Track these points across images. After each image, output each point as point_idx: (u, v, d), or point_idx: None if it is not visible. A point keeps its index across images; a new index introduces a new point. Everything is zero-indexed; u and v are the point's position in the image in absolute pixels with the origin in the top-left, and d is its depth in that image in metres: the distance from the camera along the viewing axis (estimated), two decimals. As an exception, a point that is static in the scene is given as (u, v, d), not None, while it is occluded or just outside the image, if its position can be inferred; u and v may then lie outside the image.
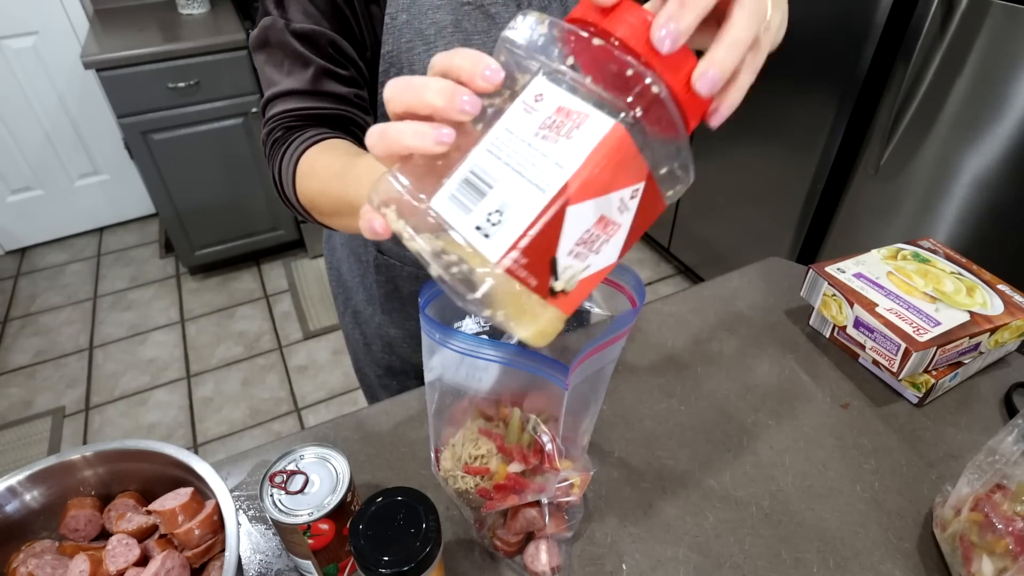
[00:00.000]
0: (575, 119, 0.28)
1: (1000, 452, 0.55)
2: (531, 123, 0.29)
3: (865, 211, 1.70)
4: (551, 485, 0.53)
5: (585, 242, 0.30)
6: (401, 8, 0.63)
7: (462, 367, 0.51)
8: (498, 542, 0.58)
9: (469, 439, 0.55)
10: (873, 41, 1.51)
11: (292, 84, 0.63)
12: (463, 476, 0.54)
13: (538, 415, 0.54)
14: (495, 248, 0.27)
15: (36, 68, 2.31)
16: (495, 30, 0.65)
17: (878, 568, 0.59)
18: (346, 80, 0.65)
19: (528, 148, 0.29)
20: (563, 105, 0.29)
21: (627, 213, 0.31)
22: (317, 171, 0.56)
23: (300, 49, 0.62)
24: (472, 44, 0.64)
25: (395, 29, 0.63)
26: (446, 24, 0.64)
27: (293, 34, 0.62)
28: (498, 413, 0.56)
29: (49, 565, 0.51)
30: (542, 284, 0.29)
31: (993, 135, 1.37)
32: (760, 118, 1.89)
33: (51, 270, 2.56)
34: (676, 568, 0.59)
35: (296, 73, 0.63)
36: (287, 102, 0.63)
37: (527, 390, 0.55)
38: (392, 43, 0.63)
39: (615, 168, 0.28)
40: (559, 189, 0.27)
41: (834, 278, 0.80)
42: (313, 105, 0.63)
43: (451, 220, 0.29)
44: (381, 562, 0.41)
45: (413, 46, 0.64)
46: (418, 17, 0.63)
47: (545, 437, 0.53)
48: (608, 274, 0.35)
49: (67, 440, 1.89)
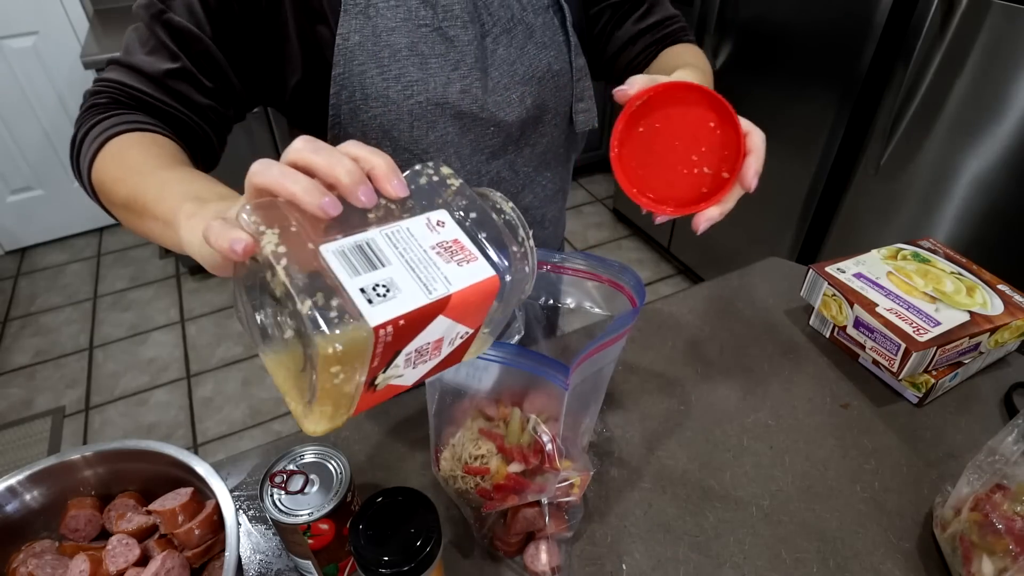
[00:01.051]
0: (466, 255, 0.34)
1: (1000, 452, 0.55)
2: (430, 238, 0.34)
3: (865, 211, 1.70)
4: (551, 485, 0.53)
5: (420, 352, 0.34)
6: (353, 29, 0.60)
7: (462, 367, 0.51)
8: (498, 542, 0.58)
9: (469, 439, 0.55)
10: (873, 41, 1.51)
11: (145, 65, 0.58)
12: (463, 476, 0.55)
13: (538, 415, 0.54)
14: (375, 315, 0.30)
15: (36, 68, 2.31)
16: (453, 53, 0.63)
17: (878, 568, 0.59)
18: (207, 91, 0.61)
19: (424, 253, 0.33)
20: (459, 240, 0.35)
21: (450, 347, 0.36)
22: (125, 159, 0.53)
23: (167, 42, 0.58)
24: (429, 67, 0.63)
25: (347, 51, 0.60)
26: (401, 47, 0.61)
27: (166, 25, 0.57)
28: (498, 413, 0.56)
29: (49, 565, 0.51)
30: (378, 367, 0.32)
31: (993, 135, 1.37)
32: (760, 118, 1.88)
33: (51, 270, 2.56)
34: (676, 568, 0.59)
35: (156, 58, 0.58)
36: (131, 77, 0.59)
37: (527, 390, 0.55)
38: (343, 65, 0.61)
39: (476, 307, 0.34)
40: (442, 297, 0.32)
41: (834, 278, 0.80)
42: (156, 96, 0.59)
43: (337, 272, 0.31)
44: (381, 562, 0.41)
45: (366, 69, 0.61)
46: (371, 39, 0.61)
47: (545, 437, 0.53)
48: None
49: (67, 440, 1.89)
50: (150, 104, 0.59)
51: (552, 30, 0.69)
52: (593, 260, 0.56)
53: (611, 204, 2.88)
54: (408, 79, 0.62)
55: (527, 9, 0.67)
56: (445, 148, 0.67)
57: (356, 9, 0.59)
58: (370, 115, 0.63)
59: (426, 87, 0.63)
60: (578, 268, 0.56)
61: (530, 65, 0.68)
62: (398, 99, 0.62)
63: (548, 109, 0.72)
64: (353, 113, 0.63)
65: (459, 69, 0.64)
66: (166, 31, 0.57)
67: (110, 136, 0.55)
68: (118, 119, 0.56)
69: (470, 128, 0.67)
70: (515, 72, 0.67)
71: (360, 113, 0.63)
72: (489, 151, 0.70)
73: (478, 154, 0.70)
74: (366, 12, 0.60)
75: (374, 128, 0.64)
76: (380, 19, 0.60)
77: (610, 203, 2.90)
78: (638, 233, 2.72)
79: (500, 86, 0.67)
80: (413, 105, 0.63)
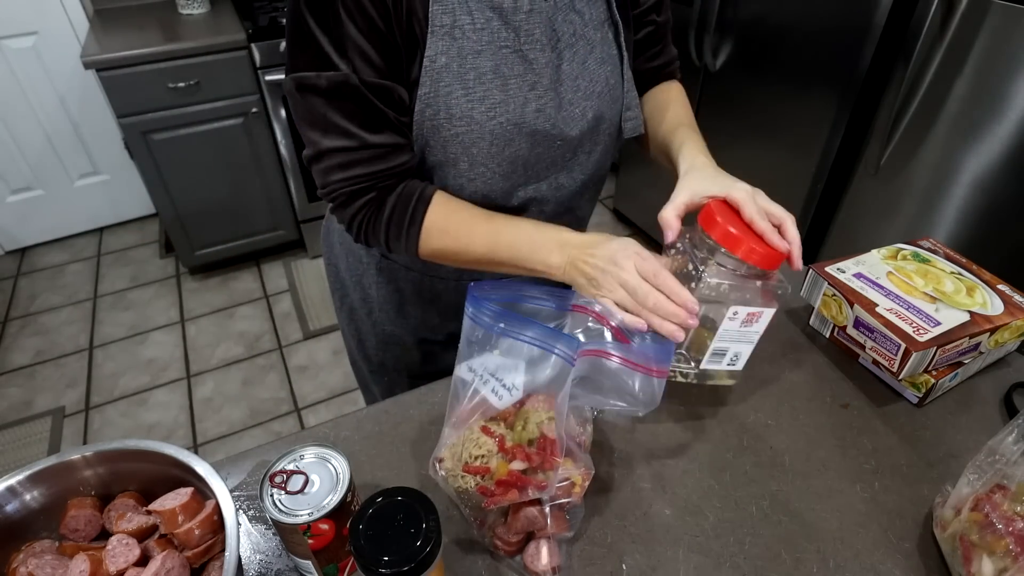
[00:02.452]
0: (758, 316, 0.62)
1: (1000, 452, 0.55)
2: (736, 322, 0.62)
3: (865, 211, 1.70)
4: (552, 483, 0.53)
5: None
6: (440, 51, 0.61)
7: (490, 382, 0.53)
8: (498, 541, 0.58)
9: (470, 439, 0.55)
10: (873, 41, 1.51)
11: (389, 141, 0.64)
12: (463, 476, 0.55)
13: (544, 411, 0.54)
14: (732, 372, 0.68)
15: (36, 68, 2.31)
16: (531, 75, 0.65)
17: (878, 568, 0.59)
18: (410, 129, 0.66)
19: (738, 331, 0.63)
20: (752, 312, 0.62)
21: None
22: (451, 232, 0.67)
23: (381, 107, 0.62)
24: (509, 88, 0.64)
25: (434, 72, 0.62)
26: (486, 70, 0.63)
27: (370, 89, 0.60)
28: (500, 414, 0.56)
29: (49, 565, 0.51)
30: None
31: (993, 135, 1.37)
32: (760, 118, 1.89)
33: (51, 270, 2.56)
34: (676, 568, 0.59)
35: (388, 131, 0.63)
36: (383, 161, 0.64)
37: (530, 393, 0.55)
38: (430, 85, 0.62)
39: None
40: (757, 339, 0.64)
41: (834, 278, 0.80)
42: (408, 160, 0.66)
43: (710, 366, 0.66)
44: (381, 562, 0.41)
45: (452, 90, 0.63)
46: (457, 60, 0.62)
47: (548, 427, 0.53)
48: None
49: (67, 440, 1.89)
50: (404, 171, 0.67)
51: (608, 44, 0.72)
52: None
53: (611, 204, 2.88)
54: (491, 101, 0.64)
55: (588, 24, 0.69)
56: (515, 162, 0.69)
57: (443, 31, 0.61)
58: (452, 132, 0.65)
59: (507, 108, 0.65)
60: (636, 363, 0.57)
61: (591, 80, 0.70)
62: (481, 120, 0.64)
63: (604, 120, 0.74)
64: (435, 130, 0.65)
65: (535, 89, 0.66)
66: (375, 96, 0.61)
67: (421, 218, 0.67)
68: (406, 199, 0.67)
69: (539, 143, 0.69)
70: (578, 87, 0.69)
71: (442, 130, 0.65)
72: (550, 161, 0.73)
73: (541, 163, 0.72)
74: (452, 34, 0.61)
75: (455, 144, 0.66)
76: (466, 41, 0.62)
77: (610, 203, 2.90)
78: (638, 233, 2.72)
79: (566, 102, 0.69)
80: (495, 126, 0.65)
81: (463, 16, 0.61)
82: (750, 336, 0.63)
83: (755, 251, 0.59)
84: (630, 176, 2.61)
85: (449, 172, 0.69)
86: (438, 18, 0.60)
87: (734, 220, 0.61)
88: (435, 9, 0.60)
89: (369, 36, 0.59)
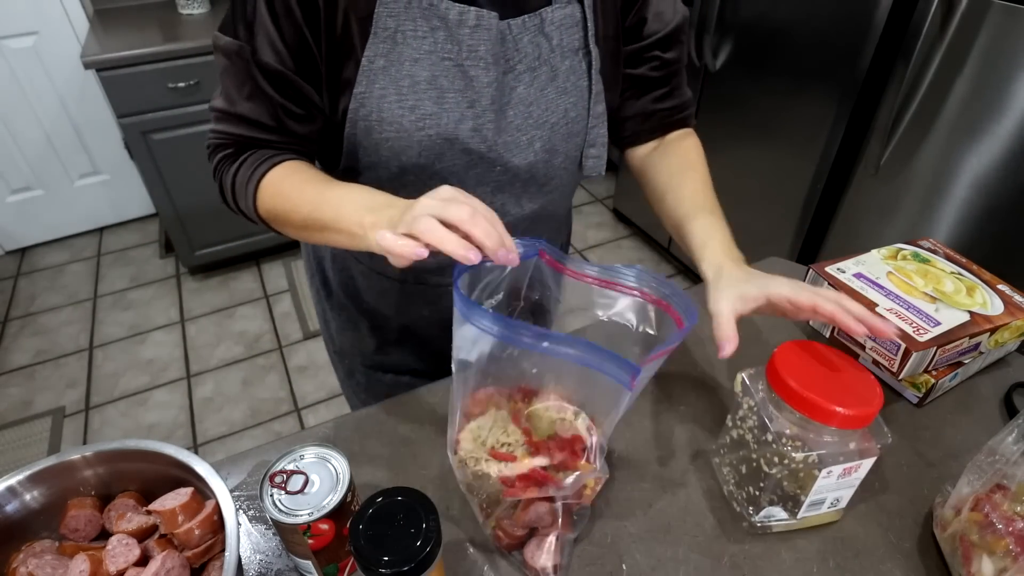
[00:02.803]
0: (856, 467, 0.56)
1: (1000, 452, 0.55)
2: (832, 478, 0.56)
3: (865, 211, 1.70)
4: (575, 483, 0.53)
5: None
6: (379, 53, 0.61)
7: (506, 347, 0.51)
8: (500, 533, 0.58)
9: (498, 425, 0.55)
10: (873, 41, 1.51)
11: (253, 114, 0.64)
12: (487, 460, 0.54)
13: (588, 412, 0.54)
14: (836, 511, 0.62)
15: (36, 68, 2.31)
16: (471, 91, 0.63)
17: (878, 568, 0.59)
18: (303, 118, 0.66)
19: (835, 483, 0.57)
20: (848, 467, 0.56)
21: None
22: (287, 192, 0.63)
23: (263, 85, 0.62)
24: (446, 102, 0.63)
25: (371, 73, 0.61)
26: (421, 79, 0.62)
27: (259, 67, 0.61)
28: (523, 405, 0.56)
29: (49, 565, 0.51)
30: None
31: (993, 135, 1.37)
32: (760, 118, 1.89)
33: (51, 270, 2.56)
34: (676, 568, 0.59)
35: (256, 104, 0.63)
36: (244, 128, 0.65)
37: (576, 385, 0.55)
38: (365, 85, 0.62)
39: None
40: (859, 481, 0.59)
41: (834, 278, 0.80)
42: (271, 139, 0.66)
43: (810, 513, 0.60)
44: (381, 562, 0.41)
45: (385, 94, 0.62)
46: (396, 65, 0.61)
47: (590, 433, 0.53)
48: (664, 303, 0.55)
49: (67, 440, 1.89)
50: (266, 148, 0.66)
51: (577, 75, 0.69)
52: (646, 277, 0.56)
53: (611, 204, 2.88)
54: (423, 111, 0.63)
55: (556, 51, 0.66)
56: (450, 178, 0.68)
57: (386, 34, 0.60)
58: (383, 136, 0.64)
59: (439, 121, 0.64)
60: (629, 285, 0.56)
61: (547, 108, 0.68)
62: (411, 128, 0.63)
63: (559, 153, 0.72)
64: (367, 131, 0.64)
65: (474, 108, 0.64)
66: (262, 73, 0.62)
67: (260, 176, 0.64)
68: (255, 160, 0.65)
69: (476, 163, 0.68)
70: (530, 114, 0.67)
71: (373, 132, 0.64)
72: (494, 184, 0.71)
73: (483, 186, 0.70)
74: (394, 38, 0.60)
75: (385, 148, 0.65)
76: (406, 47, 0.61)
77: (610, 203, 2.90)
78: (638, 233, 2.72)
79: (513, 127, 0.67)
80: (423, 137, 0.64)
81: (407, 22, 0.60)
82: (851, 483, 0.58)
83: (838, 415, 0.52)
84: (630, 176, 2.60)
85: (382, 175, 0.68)
86: (382, 20, 0.59)
87: (808, 373, 0.55)
88: (380, 11, 0.59)
89: (282, 26, 0.60)
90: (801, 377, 0.54)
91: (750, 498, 0.60)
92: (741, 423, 0.61)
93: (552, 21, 0.65)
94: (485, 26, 0.61)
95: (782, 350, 0.57)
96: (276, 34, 0.60)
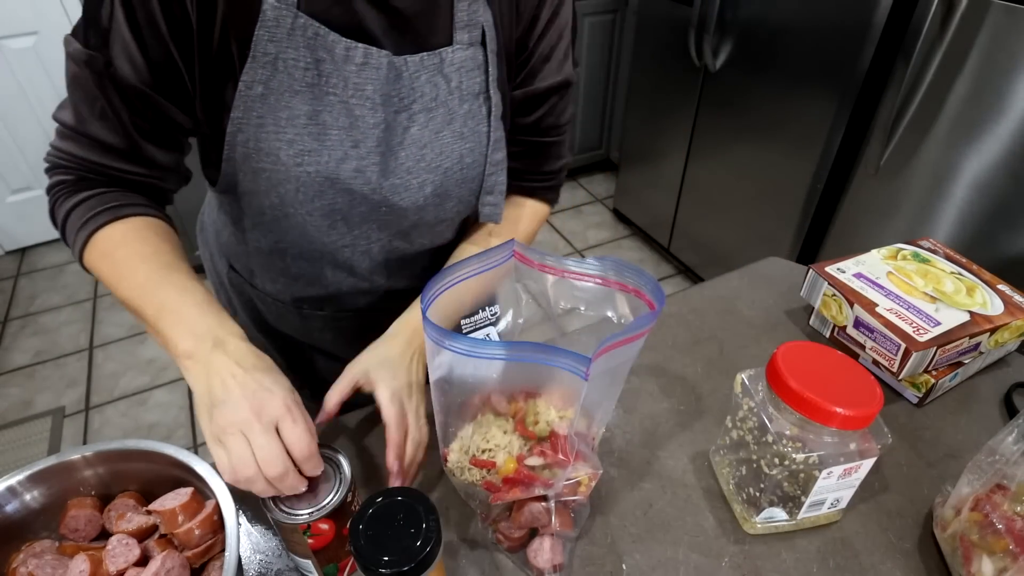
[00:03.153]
0: (856, 468, 0.56)
1: (1000, 452, 0.55)
2: (832, 479, 0.56)
3: (865, 211, 1.70)
4: (560, 480, 0.53)
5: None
6: (258, 79, 0.56)
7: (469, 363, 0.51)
8: (500, 535, 0.58)
9: (479, 432, 0.55)
10: (873, 41, 1.51)
11: (105, 136, 0.57)
12: (470, 468, 0.54)
13: (556, 409, 0.54)
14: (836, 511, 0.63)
15: (36, 68, 2.31)
16: (355, 131, 0.60)
17: (878, 568, 0.59)
18: (164, 144, 0.60)
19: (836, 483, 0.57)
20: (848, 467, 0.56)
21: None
22: (116, 259, 0.57)
23: (116, 103, 0.56)
24: (328, 139, 0.59)
25: (248, 99, 0.56)
26: (301, 113, 0.57)
27: (113, 82, 0.55)
28: (510, 409, 0.56)
29: (49, 565, 0.51)
30: None
31: (993, 135, 1.37)
32: (760, 118, 1.89)
33: (51, 270, 2.56)
34: (676, 568, 0.59)
35: (109, 124, 0.57)
36: (91, 151, 0.58)
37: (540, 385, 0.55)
38: (243, 111, 0.57)
39: None
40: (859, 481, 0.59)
41: (834, 278, 0.80)
42: (124, 167, 0.59)
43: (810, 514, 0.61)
44: (381, 562, 0.41)
45: (263, 123, 0.57)
46: (275, 94, 0.56)
47: (562, 427, 0.53)
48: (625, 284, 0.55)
49: (67, 440, 1.89)
50: (117, 177, 0.60)
51: (476, 120, 0.66)
52: (608, 264, 0.55)
53: (611, 204, 2.88)
54: (301, 147, 0.59)
55: (454, 93, 0.63)
56: (332, 215, 0.65)
57: (265, 59, 0.55)
58: (260, 166, 0.60)
59: (319, 159, 0.60)
60: (593, 275, 0.56)
61: (440, 152, 0.65)
62: (288, 163, 0.60)
63: (451, 198, 0.69)
64: (245, 158, 0.60)
65: (358, 148, 0.60)
66: (117, 92, 0.55)
67: (94, 229, 0.57)
68: (94, 206, 0.58)
69: (360, 203, 0.65)
70: (423, 156, 0.64)
71: (251, 160, 0.60)
72: (380, 222, 0.68)
73: (368, 223, 0.68)
74: (275, 65, 0.55)
75: (262, 178, 0.61)
76: (287, 76, 0.56)
77: (610, 203, 2.90)
78: (638, 233, 2.72)
79: (403, 168, 0.64)
80: (302, 173, 0.60)
81: (289, 50, 0.55)
82: (851, 483, 0.58)
83: (838, 416, 0.52)
84: (630, 175, 2.61)
85: (264, 202, 0.64)
86: (262, 44, 0.54)
87: (808, 374, 0.54)
88: (261, 34, 0.54)
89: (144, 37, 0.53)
90: (801, 378, 0.54)
91: (750, 499, 0.60)
92: (741, 424, 0.61)
93: (452, 62, 0.62)
94: (374, 65, 0.58)
95: (782, 351, 0.57)
96: (135, 46, 0.53)
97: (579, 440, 0.55)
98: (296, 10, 0.54)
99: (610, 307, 0.56)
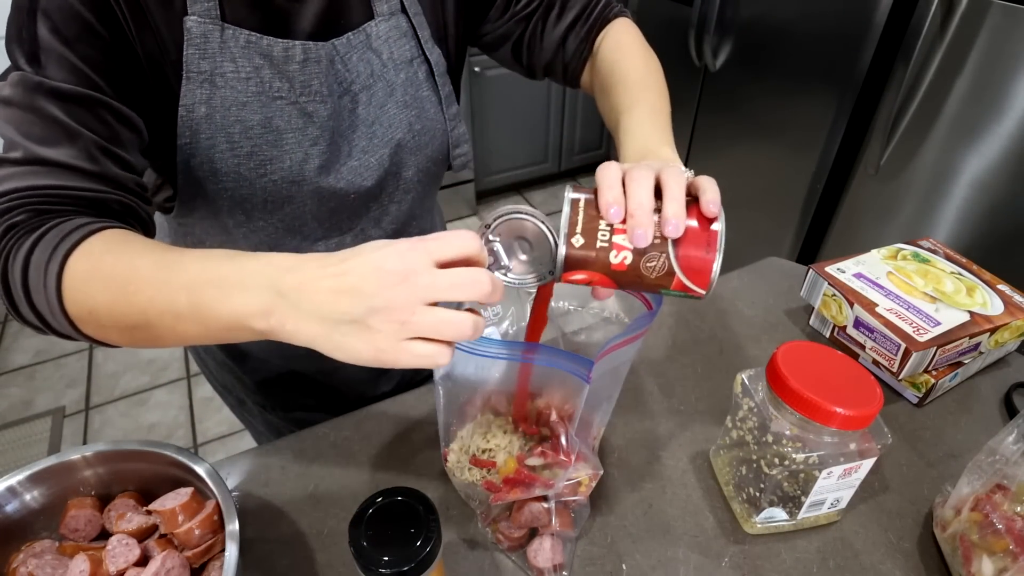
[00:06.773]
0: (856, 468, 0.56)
1: (1000, 452, 0.55)
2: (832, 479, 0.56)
3: (865, 211, 1.71)
4: (560, 480, 0.53)
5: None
6: (200, 100, 0.54)
7: (470, 362, 0.51)
8: (500, 535, 0.58)
9: (479, 432, 0.55)
10: (873, 41, 1.51)
11: (51, 156, 0.47)
12: (469, 468, 0.55)
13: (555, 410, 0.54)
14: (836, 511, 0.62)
15: (36, 68, 2.30)
16: (312, 128, 0.59)
17: (878, 568, 0.59)
18: (124, 163, 0.51)
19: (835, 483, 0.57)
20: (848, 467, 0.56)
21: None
22: (104, 271, 0.43)
23: (59, 115, 0.47)
24: (285, 144, 0.58)
25: (192, 123, 0.54)
26: (254, 123, 0.56)
27: (51, 94, 0.47)
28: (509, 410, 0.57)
29: (49, 565, 0.51)
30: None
31: (993, 135, 1.37)
32: (760, 118, 1.89)
33: (51, 270, 2.56)
34: (676, 568, 0.59)
35: (57, 143, 0.47)
36: (41, 176, 0.46)
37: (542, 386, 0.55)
38: (190, 136, 0.55)
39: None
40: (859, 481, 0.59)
41: (834, 278, 0.80)
42: (88, 187, 0.48)
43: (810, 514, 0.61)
44: (381, 562, 0.41)
45: (215, 143, 0.56)
46: (221, 111, 0.55)
47: (561, 429, 0.53)
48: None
49: (67, 440, 1.89)
50: (79, 197, 0.48)
51: (416, 86, 0.65)
52: None
53: (611, 204, 2.88)
54: (261, 157, 0.58)
55: (388, 65, 0.63)
56: (303, 216, 0.64)
57: (201, 77, 0.53)
58: (220, 187, 0.59)
59: (282, 165, 0.59)
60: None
61: (389, 126, 0.65)
62: (251, 177, 0.58)
63: (408, 166, 0.69)
64: (200, 183, 0.58)
65: (318, 145, 0.60)
66: (54, 101, 0.47)
67: (68, 250, 0.43)
68: (61, 231, 0.44)
69: (329, 199, 0.64)
70: (374, 133, 0.64)
71: (208, 184, 0.58)
72: (349, 213, 0.68)
73: (337, 216, 0.67)
74: (213, 81, 0.54)
75: (224, 199, 0.60)
76: (229, 90, 0.54)
77: (610, 203, 2.89)
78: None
79: (358, 149, 0.64)
80: (267, 183, 0.59)
81: (226, 63, 0.54)
82: (851, 483, 0.58)
83: (838, 416, 0.52)
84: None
85: (228, 223, 0.63)
86: (194, 63, 0.52)
87: (808, 374, 0.54)
88: (190, 53, 0.52)
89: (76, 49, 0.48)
90: (801, 378, 0.54)
91: (750, 499, 0.60)
92: (741, 424, 0.61)
93: (378, 35, 0.62)
94: (314, 59, 0.57)
95: (782, 351, 0.57)
96: (71, 53, 0.48)
97: (579, 440, 0.55)
98: (222, 22, 0.53)
99: (609, 307, 0.56)
